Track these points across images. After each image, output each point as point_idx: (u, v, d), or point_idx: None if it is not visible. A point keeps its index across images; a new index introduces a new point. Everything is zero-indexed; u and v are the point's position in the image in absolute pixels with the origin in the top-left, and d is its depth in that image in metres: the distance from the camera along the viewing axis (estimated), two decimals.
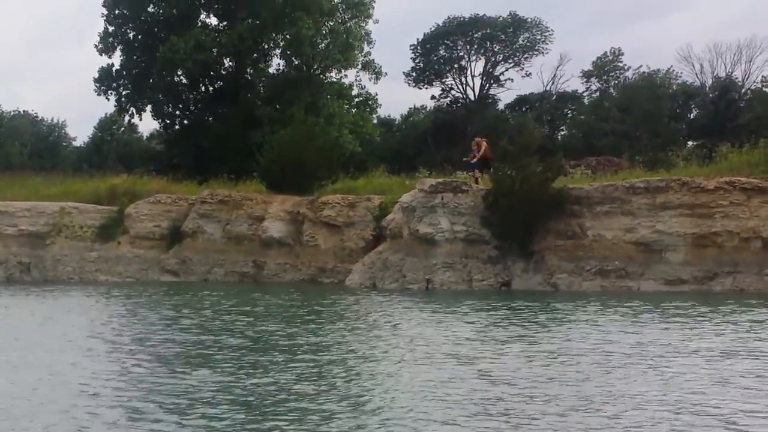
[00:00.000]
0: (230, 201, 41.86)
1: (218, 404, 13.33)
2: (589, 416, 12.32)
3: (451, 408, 12.87)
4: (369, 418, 12.42)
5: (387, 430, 11.84)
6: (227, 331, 21.90)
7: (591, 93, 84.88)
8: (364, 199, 39.68)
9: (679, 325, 21.67)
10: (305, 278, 38.91)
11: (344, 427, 12.02)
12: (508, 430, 11.74)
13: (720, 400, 13.15)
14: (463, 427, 11.87)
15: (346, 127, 62.11)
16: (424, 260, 35.30)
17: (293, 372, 15.83)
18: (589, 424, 11.93)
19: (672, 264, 32.00)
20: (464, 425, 11.95)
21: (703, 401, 13.05)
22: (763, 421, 11.97)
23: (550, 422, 12.07)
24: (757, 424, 11.82)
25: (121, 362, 17.28)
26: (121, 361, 17.46)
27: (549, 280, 33.43)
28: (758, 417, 12.16)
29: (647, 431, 11.61)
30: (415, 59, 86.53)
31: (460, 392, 13.91)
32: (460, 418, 12.28)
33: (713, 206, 31.76)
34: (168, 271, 41.58)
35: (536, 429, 11.81)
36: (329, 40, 62.63)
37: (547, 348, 18.25)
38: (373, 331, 21.68)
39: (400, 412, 12.70)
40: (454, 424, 12.03)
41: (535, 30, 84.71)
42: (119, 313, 26.78)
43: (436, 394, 13.80)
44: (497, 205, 34.49)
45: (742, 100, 75.54)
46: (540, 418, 12.26)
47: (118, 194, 44.57)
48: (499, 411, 12.68)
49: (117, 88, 64.94)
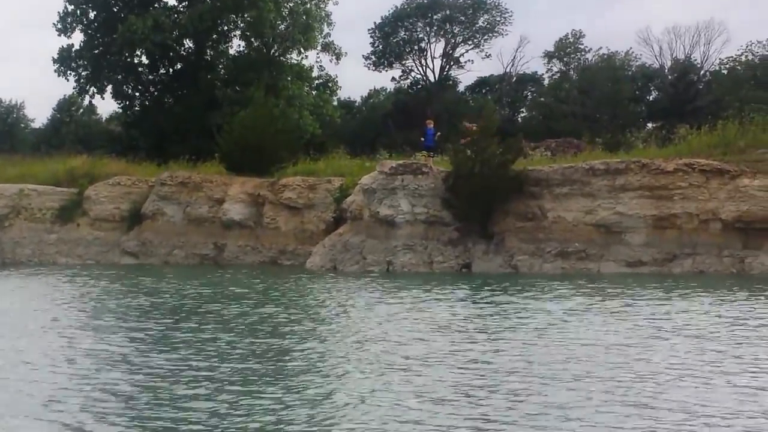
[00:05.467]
0: (190, 183, 41.69)
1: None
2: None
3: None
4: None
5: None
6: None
7: (552, 75, 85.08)
8: (324, 182, 39.61)
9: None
10: (266, 260, 38.84)
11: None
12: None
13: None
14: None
15: (307, 109, 61.91)
16: (384, 242, 35.29)
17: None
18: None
19: (632, 246, 32.11)
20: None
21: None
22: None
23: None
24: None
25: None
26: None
27: (509, 262, 33.48)
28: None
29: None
30: (375, 41, 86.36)
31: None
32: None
33: (672, 188, 31.85)
34: (128, 253, 41.41)
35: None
36: (289, 21, 62.44)
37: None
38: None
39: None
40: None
41: (494, 11, 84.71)
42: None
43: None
44: (457, 187, 34.49)
45: (700, 82, 76.06)
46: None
47: (77, 176, 44.32)
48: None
49: (76, 69, 64.26)
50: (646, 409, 11.74)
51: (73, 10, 63.18)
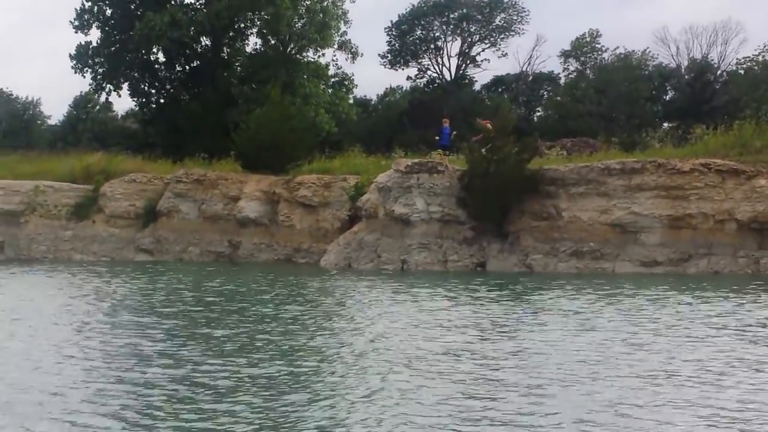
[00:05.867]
0: (206, 180, 41.81)
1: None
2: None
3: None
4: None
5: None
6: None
7: (568, 74, 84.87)
8: (339, 180, 39.63)
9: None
10: (281, 258, 38.92)
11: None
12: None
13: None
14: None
15: (323, 107, 61.92)
16: (399, 241, 35.33)
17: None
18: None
19: (647, 246, 32.09)
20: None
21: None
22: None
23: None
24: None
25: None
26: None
27: (524, 261, 33.49)
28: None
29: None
30: (391, 40, 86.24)
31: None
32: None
33: (688, 188, 31.82)
34: (143, 250, 41.55)
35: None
36: (306, 19, 62.38)
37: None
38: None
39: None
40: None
41: (511, 10, 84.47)
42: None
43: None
44: (473, 186, 34.49)
45: (717, 82, 75.68)
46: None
47: (93, 173, 44.44)
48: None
49: (93, 66, 64.37)
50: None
51: (90, 7, 63.28)
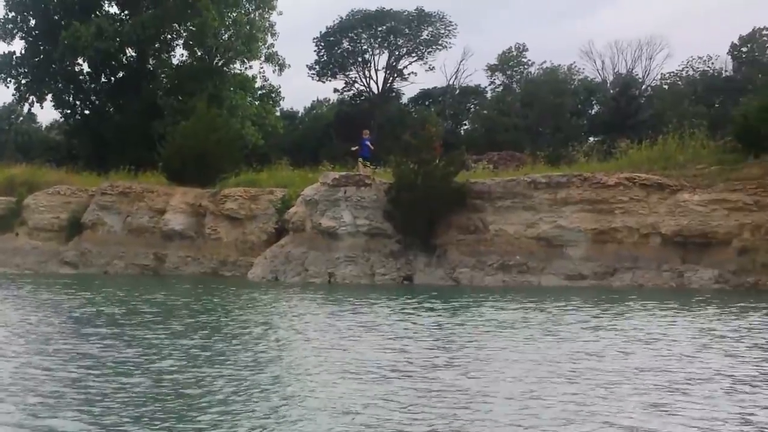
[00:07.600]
0: (131, 193, 41.52)
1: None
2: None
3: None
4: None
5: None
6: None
7: (495, 88, 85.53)
8: (266, 192, 39.53)
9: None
10: (207, 271, 38.69)
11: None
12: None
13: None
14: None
15: (249, 120, 61.91)
16: (326, 254, 35.24)
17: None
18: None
19: (572, 259, 32.27)
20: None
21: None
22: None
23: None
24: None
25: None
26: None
27: (451, 275, 33.51)
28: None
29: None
30: (319, 52, 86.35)
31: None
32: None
33: (613, 202, 32.08)
34: (67, 263, 41.15)
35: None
36: (233, 31, 62.23)
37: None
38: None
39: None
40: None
41: (439, 24, 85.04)
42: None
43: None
44: (399, 199, 34.48)
45: (642, 96, 76.83)
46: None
47: (16, 185, 44.02)
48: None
49: (17, 76, 63.66)
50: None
51: (13, 17, 62.59)
